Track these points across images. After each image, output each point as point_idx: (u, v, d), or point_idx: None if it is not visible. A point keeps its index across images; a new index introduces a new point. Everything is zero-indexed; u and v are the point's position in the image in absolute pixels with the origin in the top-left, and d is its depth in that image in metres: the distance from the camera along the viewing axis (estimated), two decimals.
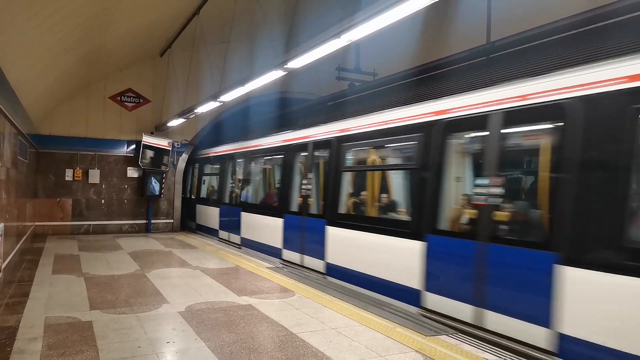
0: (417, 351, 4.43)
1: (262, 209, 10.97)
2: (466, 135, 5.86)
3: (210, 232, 14.02)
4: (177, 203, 15.34)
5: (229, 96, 9.46)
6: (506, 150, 5.17)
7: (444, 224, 5.78)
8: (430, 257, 5.83)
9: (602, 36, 4.77)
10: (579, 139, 4.25)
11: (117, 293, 6.53)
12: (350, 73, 11.92)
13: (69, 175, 13.60)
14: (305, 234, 8.78)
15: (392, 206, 7.37)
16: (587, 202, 4.16)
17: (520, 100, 4.85)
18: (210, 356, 4.22)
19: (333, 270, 7.85)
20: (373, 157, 7.80)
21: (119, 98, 14.28)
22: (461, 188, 5.82)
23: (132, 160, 14.35)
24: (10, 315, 5.36)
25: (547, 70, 4.83)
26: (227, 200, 12.99)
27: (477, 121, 5.36)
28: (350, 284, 7.28)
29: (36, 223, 13.10)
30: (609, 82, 4.07)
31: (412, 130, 6.33)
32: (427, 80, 7.25)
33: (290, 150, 9.75)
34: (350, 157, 8.01)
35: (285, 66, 6.74)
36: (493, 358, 4.27)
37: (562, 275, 4.24)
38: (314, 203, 8.82)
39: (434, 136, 5.91)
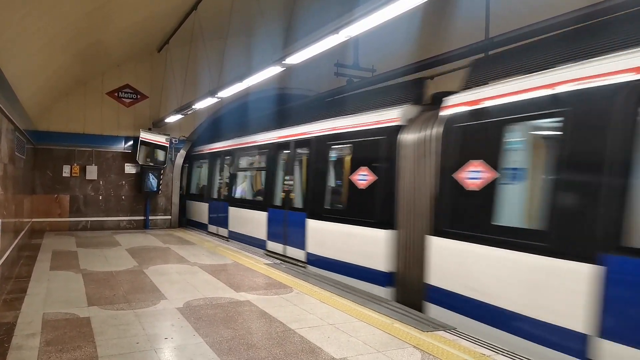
0: (414, 347, 4.45)
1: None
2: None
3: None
4: (175, 199, 15.33)
5: (227, 92, 9.44)
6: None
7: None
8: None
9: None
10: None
11: (115, 289, 6.52)
12: (349, 69, 11.89)
13: (66, 171, 13.57)
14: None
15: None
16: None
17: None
18: (209, 352, 4.22)
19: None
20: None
21: (116, 94, 14.24)
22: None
23: (129, 157, 14.33)
24: (8, 311, 5.35)
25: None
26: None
27: None
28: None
29: (34, 219, 13.08)
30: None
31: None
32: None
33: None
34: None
35: (283, 62, 6.72)
36: (490, 353, 4.28)
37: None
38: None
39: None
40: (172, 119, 13.16)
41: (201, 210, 14.56)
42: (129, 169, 14.40)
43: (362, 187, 7.18)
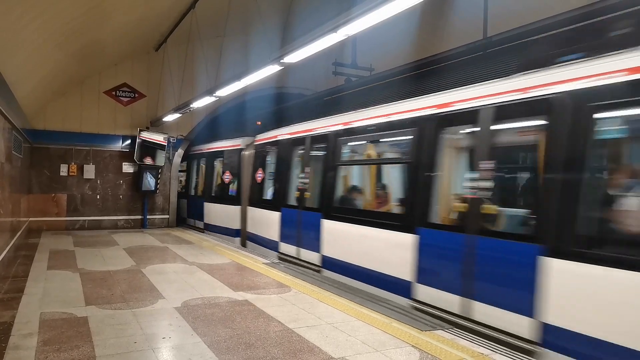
0: (413, 346, 4.45)
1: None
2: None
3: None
4: (173, 198, 15.29)
5: (225, 91, 9.43)
6: None
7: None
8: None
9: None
10: None
11: (112, 289, 6.51)
12: (347, 68, 11.89)
13: (63, 170, 13.52)
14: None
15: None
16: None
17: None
18: (207, 351, 4.21)
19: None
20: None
21: (113, 93, 14.19)
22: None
23: (127, 156, 14.28)
24: (5, 311, 5.33)
25: None
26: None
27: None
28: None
29: (31, 218, 13.04)
30: None
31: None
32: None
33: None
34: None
35: (281, 61, 6.71)
36: (488, 352, 4.28)
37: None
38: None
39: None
40: (169, 118, 13.13)
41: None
42: (127, 168, 14.36)
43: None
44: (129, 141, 14.33)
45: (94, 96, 13.94)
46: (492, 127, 5.14)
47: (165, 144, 14.56)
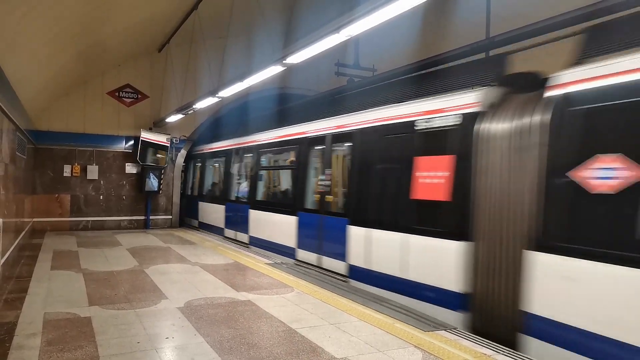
0: (416, 346, 4.44)
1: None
2: None
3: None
4: (176, 199, 15.32)
5: (228, 92, 9.44)
6: None
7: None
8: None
9: None
10: None
11: (116, 289, 6.52)
12: (349, 69, 11.89)
13: (67, 171, 13.56)
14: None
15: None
16: None
17: None
18: (210, 351, 4.22)
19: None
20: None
21: (117, 94, 14.23)
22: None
23: (130, 156, 14.32)
24: (9, 310, 5.35)
25: None
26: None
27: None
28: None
29: (35, 219, 13.08)
30: None
31: None
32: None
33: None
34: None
35: (284, 61, 6.71)
36: (491, 352, 4.28)
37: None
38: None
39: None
40: (172, 118, 13.16)
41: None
42: (130, 168, 14.40)
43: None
44: (132, 142, 14.36)
45: (97, 97, 13.98)
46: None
47: (168, 145, 14.59)
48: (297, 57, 6.48)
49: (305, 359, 4.10)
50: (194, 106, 11.32)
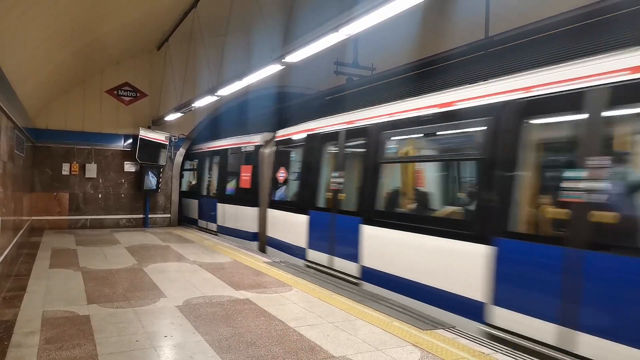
0: (414, 345, 4.45)
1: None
2: None
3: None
4: (175, 197, 15.32)
5: (227, 90, 9.43)
6: None
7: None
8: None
9: None
10: None
11: (114, 287, 6.52)
12: (349, 68, 11.89)
13: (65, 169, 13.55)
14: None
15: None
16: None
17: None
18: (208, 350, 4.22)
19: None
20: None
21: (115, 92, 14.21)
22: None
23: (129, 155, 14.30)
24: (8, 309, 5.35)
25: None
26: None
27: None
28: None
29: (33, 217, 13.07)
30: None
31: None
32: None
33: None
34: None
35: (283, 60, 6.71)
36: (489, 351, 4.29)
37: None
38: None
39: None
40: (171, 117, 13.14)
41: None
42: (129, 167, 14.38)
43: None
44: (130, 140, 14.35)
45: (96, 95, 13.96)
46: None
47: (167, 143, 14.58)
48: (296, 56, 6.48)
49: (303, 358, 4.10)
50: (192, 105, 11.32)
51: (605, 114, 4.07)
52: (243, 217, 11.53)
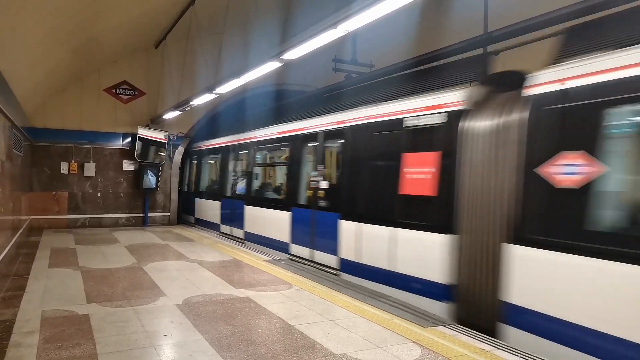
0: (414, 342, 4.44)
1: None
2: None
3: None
4: (174, 196, 15.29)
5: (225, 88, 9.41)
6: None
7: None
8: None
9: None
10: None
11: (114, 286, 6.51)
12: (347, 64, 11.85)
13: (64, 168, 13.52)
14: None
15: None
16: None
17: None
18: (208, 348, 4.21)
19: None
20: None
21: (113, 90, 14.17)
22: None
23: (127, 153, 14.27)
24: (7, 309, 5.34)
25: None
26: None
27: None
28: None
29: (32, 217, 13.05)
30: None
31: None
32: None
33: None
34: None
35: (281, 57, 6.69)
36: (490, 348, 4.28)
37: None
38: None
39: None
40: (170, 115, 13.11)
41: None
42: (127, 165, 14.35)
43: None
44: (129, 139, 14.32)
45: (93, 94, 13.92)
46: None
47: (166, 142, 14.55)
48: (294, 53, 6.46)
49: (304, 356, 4.10)
50: (191, 103, 11.29)
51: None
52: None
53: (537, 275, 4.38)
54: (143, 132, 14.13)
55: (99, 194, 14.03)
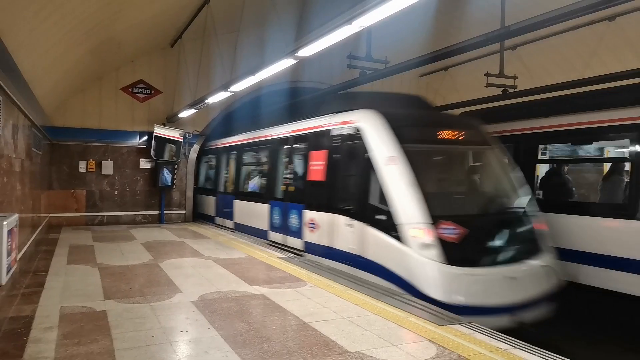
0: (430, 340, 4.40)
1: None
2: None
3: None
4: (189, 194, 15.41)
5: (240, 86, 9.43)
6: None
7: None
8: None
9: None
10: None
11: (131, 283, 6.58)
12: (362, 61, 11.78)
13: (82, 166, 13.71)
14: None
15: None
16: None
17: None
18: (224, 345, 4.23)
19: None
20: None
21: (130, 89, 14.31)
22: None
23: (144, 152, 14.43)
24: (26, 305, 5.42)
25: None
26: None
27: None
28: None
29: (51, 214, 13.27)
30: None
31: None
32: None
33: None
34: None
35: (296, 54, 6.67)
36: (506, 347, 4.22)
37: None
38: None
39: None
40: (185, 113, 13.20)
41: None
42: (144, 163, 14.50)
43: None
44: (145, 137, 14.46)
45: (111, 93, 14.08)
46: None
47: (182, 140, 14.66)
48: (309, 50, 6.44)
49: (318, 353, 4.08)
50: (206, 101, 11.34)
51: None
52: None
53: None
54: (159, 131, 14.26)
55: (116, 192, 14.20)
